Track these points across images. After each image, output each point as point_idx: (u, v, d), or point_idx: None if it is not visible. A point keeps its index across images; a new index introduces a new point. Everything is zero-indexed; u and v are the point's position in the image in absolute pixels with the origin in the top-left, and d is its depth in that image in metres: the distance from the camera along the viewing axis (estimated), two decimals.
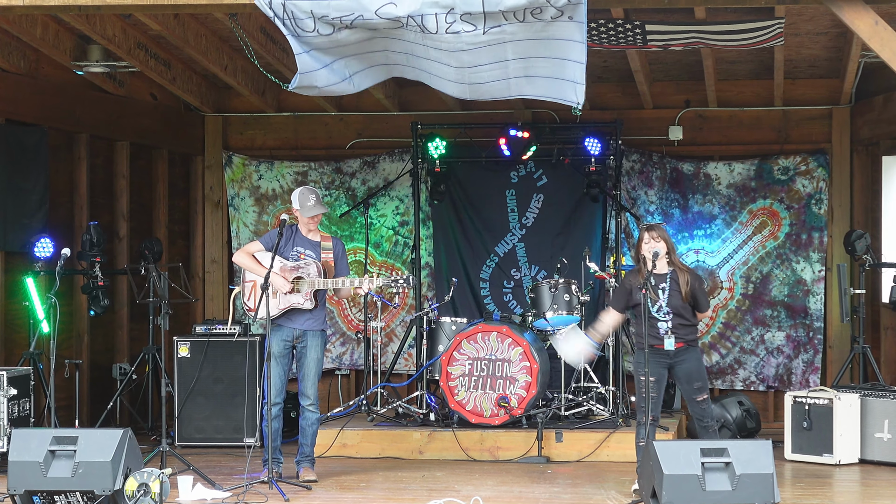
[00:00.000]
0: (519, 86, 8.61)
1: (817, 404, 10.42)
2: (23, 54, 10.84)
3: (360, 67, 8.84)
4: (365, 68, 8.88)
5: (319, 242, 9.48)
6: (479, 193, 12.69)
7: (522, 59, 8.40)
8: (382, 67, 8.93)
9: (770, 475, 7.71)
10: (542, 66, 8.40)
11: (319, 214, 9.48)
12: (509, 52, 8.35)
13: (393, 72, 8.98)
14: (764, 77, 12.28)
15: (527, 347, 10.71)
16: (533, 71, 8.46)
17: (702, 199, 12.65)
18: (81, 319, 11.66)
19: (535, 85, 8.56)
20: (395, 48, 8.62)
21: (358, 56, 8.71)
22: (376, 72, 8.98)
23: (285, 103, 12.98)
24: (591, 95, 12.56)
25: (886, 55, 8.25)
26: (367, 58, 8.78)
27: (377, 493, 9.14)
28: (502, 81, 8.59)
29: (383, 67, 8.93)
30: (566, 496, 9.04)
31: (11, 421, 9.80)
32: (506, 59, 8.40)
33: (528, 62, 8.41)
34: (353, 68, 8.80)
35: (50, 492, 8.00)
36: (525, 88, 8.63)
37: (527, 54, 8.36)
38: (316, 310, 9.39)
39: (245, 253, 9.47)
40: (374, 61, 8.83)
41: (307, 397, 9.37)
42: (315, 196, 9.47)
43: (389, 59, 8.78)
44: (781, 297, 12.52)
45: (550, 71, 8.38)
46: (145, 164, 12.70)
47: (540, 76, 8.47)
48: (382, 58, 8.76)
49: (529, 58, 8.38)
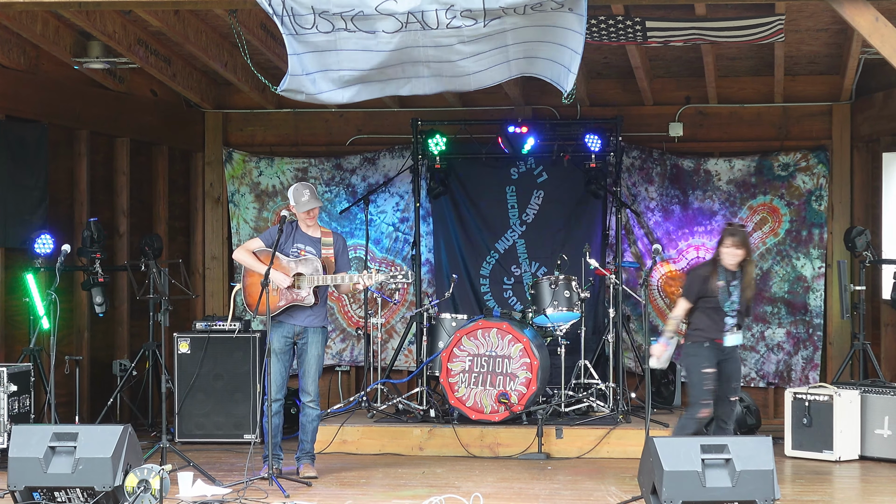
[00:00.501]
0: (518, 66, 8.60)
1: (817, 401, 10.42)
2: (23, 50, 10.84)
3: (353, 80, 8.72)
4: (358, 83, 8.75)
5: (320, 238, 9.47)
6: (480, 190, 12.68)
7: (523, 43, 8.39)
8: (377, 84, 8.80)
9: (770, 472, 7.70)
10: (541, 48, 8.39)
11: (316, 208, 9.46)
12: (509, 37, 8.35)
13: (387, 89, 8.84)
14: (764, 73, 12.27)
15: (527, 344, 10.71)
16: (532, 52, 8.46)
17: (702, 196, 12.65)
18: (81, 316, 11.66)
19: (535, 64, 8.55)
20: (392, 61, 8.55)
21: (353, 69, 8.63)
22: (370, 88, 8.82)
23: (285, 100, 12.73)
24: (591, 91, 12.56)
25: (887, 52, 8.25)
26: (362, 72, 8.69)
27: (377, 489, 9.14)
28: (503, 65, 8.56)
29: (378, 84, 8.80)
30: (566, 492, 9.03)
31: (11, 417, 9.80)
32: (506, 44, 8.39)
33: (529, 45, 8.40)
34: (346, 80, 8.70)
35: (50, 488, 7.99)
36: (525, 67, 8.61)
37: (527, 38, 8.35)
38: (317, 306, 9.38)
39: (245, 250, 9.46)
40: (369, 78, 8.72)
41: (308, 394, 9.37)
42: (309, 191, 9.44)
43: (385, 75, 8.70)
44: (782, 294, 12.52)
45: (549, 54, 8.39)
46: (145, 161, 12.70)
47: (539, 57, 8.47)
48: (378, 74, 8.68)
49: (530, 41, 8.37)
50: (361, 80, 8.72)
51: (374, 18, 8.23)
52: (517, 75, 8.80)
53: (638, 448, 8.78)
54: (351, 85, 8.74)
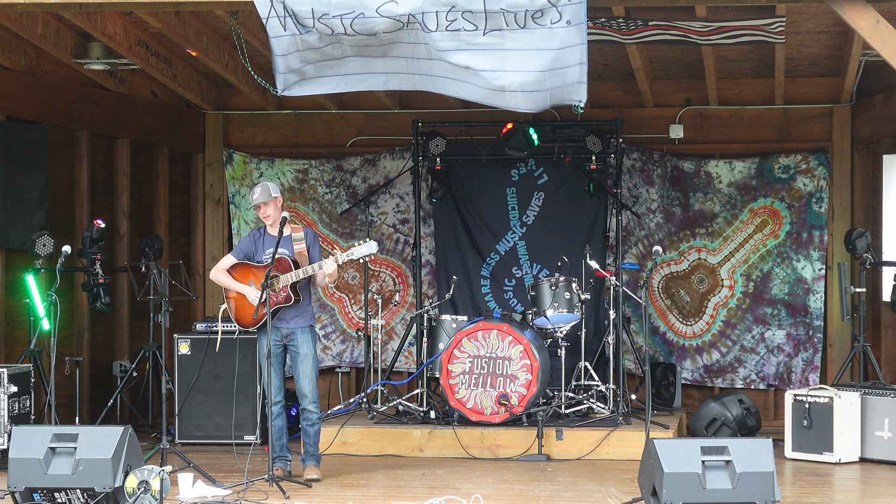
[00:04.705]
0: (515, 99, 8.47)
1: (818, 403, 10.42)
2: (23, 52, 10.84)
3: (357, 70, 8.74)
4: (361, 72, 8.76)
5: (290, 236, 9.40)
6: (480, 191, 12.68)
7: (520, 73, 8.30)
8: (380, 76, 8.80)
9: (770, 473, 7.71)
10: (540, 79, 8.33)
11: (261, 204, 9.32)
12: (507, 62, 8.29)
13: (390, 83, 8.81)
14: (765, 75, 12.27)
15: (527, 345, 10.71)
16: (530, 87, 8.37)
17: (703, 198, 12.65)
18: (82, 317, 11.67)
19: (530, 99, 8.44)
20: (395, 53, 8.55)
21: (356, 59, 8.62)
22: (373, 78, 8.84)
23: (286, 101, 12.96)
24: (592, 93, 12.44)
25: (887, 53, 8.26)
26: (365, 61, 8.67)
27: (377, 490, 9.14)
28: (497, 92, 8.47)
29: (381, 76, 8.80)
30: (566, 494, 9.03)
31: (12, 418, 9.81)
32: (504, 69, 8.32)
33: (526, 75, 8.31)
34: (350, 69, 8.70)
35: (50, 489, 7.99)
36: (521, 103, 8.49)
37: (524, 68, 8.28)
38: (301, 305, 9.33)
39: (219, 270, 9.44)
40: (372, 67, 8.71)
41: (305, 396, 9.33)
42: (260, 188, 9.35)
43: (389, 67, 8.69)
44: (782, 296, 12.52)
45: (549, 84, 8.34)
46: (146, 162, 12.70)
47: (538, 90, 8.40)
48: (381, 65, 8.68)
49: (527, 71, 8.29)
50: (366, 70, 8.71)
51: (374, 21, 8.24)
52: (512, 109, 8.66)
53: (638, 450, 8.79)
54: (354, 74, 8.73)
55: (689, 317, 12.66)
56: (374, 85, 8.87)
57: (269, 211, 9.34)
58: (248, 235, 9.55)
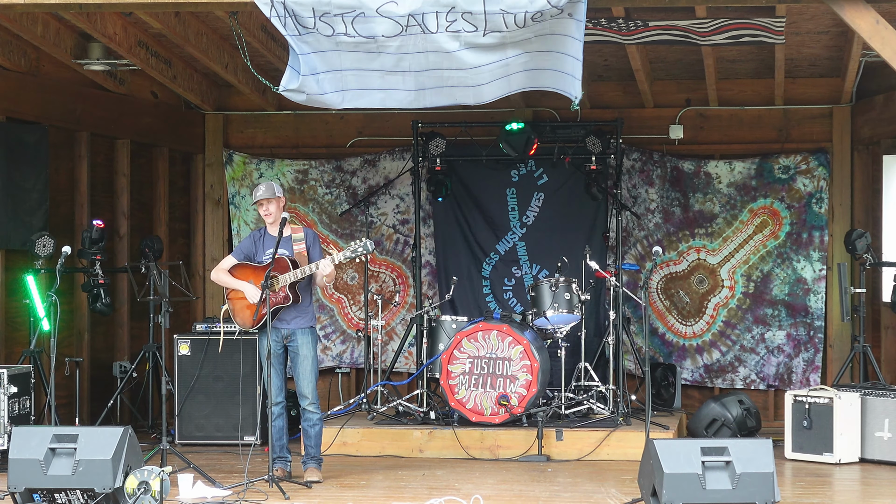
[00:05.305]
0: (518, 80, 8.56)
1: (818, 403, 10.42)
2: (23, 52, 10.84)
3: (356, 86, 8.73)
4: (359, 88, 8.75)
5: (290, 236, 9.41)
6: (480, 192, 12.69)
7: (523, 54, 8.37)
8: (378, 92, 8.77)
9: (770, 474, 7.71)
10: (542, 59, 8.38)
11: (263, 200, 9.36)
12: (509, 49, 8.33)
13: (388, 100, 8.79)
14: (765, 76, 12.28)
15: (527, 346, 10.71)
16: (533, 64, 8.43)
17: (702, 198, 12.65)
18: (82, 317, 11.67)
19: (535, 77, 8.51)
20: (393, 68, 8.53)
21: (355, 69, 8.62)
22: (370, 95, 8.80)
23: (286, 101, 12.70)
24: (591, 94, 12.56)
25: (887, 54, 8.26)
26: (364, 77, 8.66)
27: (377, 491, 9.14)
28: (503, 79, 8.54)
29: (379, 93, 8.77)
30: (566, 495, 9.04)
31: (12, 419, 9.80)
32: (506, 56, 8.38)
33: (529, 56, 8.38)
34: (348, 84, 8.70)
35: (50, 489, 8.00)
36: (525, 82, 8.58)
37: (527, 49, 8.34)
38: (301, 305, 9.33)
39: (220, 270, 9.46)
40: (370, 84, 8.71)
41: (305, 397, 9.33)
42: (265, 185, 9.38)
43: (387, 83, 8.68)
44: (782, 296, 12.52)
45: (551, 63, 8.37)
46: (146, 163, 12.71)
47: (540, 68, 8.45)
48: (379, 80, 8.66)
49: (530, 52, 8.35)
50: (364, 86, 8.70)
51: (374, 21, 8.24)
52: (517, 90, 8.73)
53: (638, 450, 8.79)
54: (352, 90, 8.72)
55: (688, 317, 12.66)
56: (371, 102, 8.82)
57: (271, 208, 9.35)
58: (249, 236, 9.58)
